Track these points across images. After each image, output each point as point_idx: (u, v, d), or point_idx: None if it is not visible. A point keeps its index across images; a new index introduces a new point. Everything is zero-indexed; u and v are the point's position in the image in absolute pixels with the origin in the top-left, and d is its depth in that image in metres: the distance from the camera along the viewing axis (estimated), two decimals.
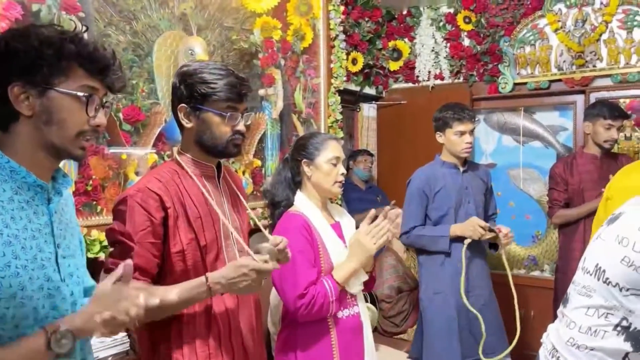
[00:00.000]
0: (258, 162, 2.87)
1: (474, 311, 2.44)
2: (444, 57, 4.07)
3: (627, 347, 1.30)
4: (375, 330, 3.15)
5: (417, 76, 4.17)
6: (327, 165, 1.85)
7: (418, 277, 2.75)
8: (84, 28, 1.11)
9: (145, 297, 1.02)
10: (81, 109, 1.05)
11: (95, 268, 1.55)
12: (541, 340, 1.58)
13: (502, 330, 2.60)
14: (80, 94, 1.04)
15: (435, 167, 2.67)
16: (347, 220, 1.98)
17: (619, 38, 3.47)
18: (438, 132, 2.64)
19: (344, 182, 1.90)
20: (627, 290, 1.29)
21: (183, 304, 1.35)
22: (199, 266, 1.39)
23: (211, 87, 1.40)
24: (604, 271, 1.33)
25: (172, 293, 1.30)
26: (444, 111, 2.62)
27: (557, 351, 1.42)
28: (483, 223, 2.47)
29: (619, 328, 1.30)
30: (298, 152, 1.91)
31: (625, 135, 3.44)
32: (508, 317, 2.55)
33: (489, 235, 2.44)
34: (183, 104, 1.43)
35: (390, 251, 3.31)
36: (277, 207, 1.91)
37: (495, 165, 4.16)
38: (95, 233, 1.99)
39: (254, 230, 1.78)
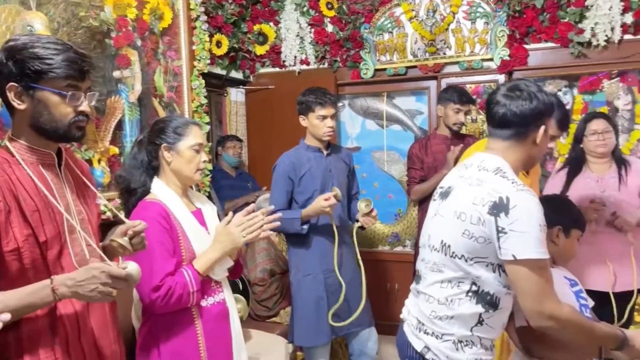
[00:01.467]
0: (115, 150, 2.68)
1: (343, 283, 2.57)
2: (309, 43, 4.12)
3: (480, 308, 1.44)
4: (247, 316, 3.14)
5: (284, 61, 4.18)
6: (189, 152, 1.79)
7: (288, 261, 2.79)
8: None
9: None
10: None
11: None
12: (402, 317, 1.66)
13: (368, 304, 2.71)
14: None
15: (300, 151, 2.69)
16: (209, 207, 1.93)
17: (465, 28, 3.77)
18: (302, 116, 2.67)
19: (206, 169, 1.84)
20: (471, 259, 1.41)
21: (24, 310, 1.21)
22: (39, 264, 1.25)
23: (47, 63, 1.25)
24: (449, 246, 1.45)
25: (10, 299, 1.17)
26: (307, 95, 2.65)
27: (423, 324, 1.52)
28: (326, 196, 2.49)
29: (470, 293, 1.44)
30: (157, 135, 1.81)
31: (471, 118, 3.77)
32: (375, 290, 2.68)
33: (333, 202, 2.47)
34: (13, 83, 1.27)
35: None
36: (133, 194, 1.79)
37: (360, 149, 4.33)
38: None
39: (110, 224, 1.66)
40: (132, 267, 1.23)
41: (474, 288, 1.43)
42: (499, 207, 1.35)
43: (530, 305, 1.38)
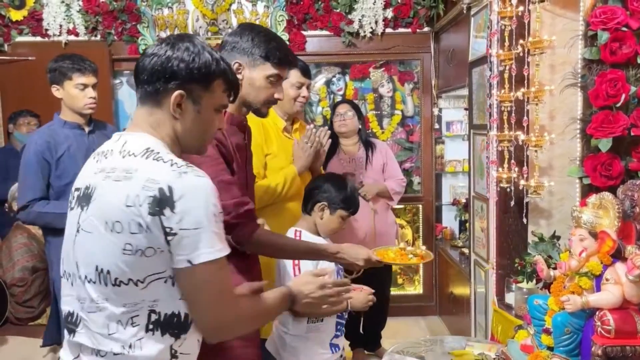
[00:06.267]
0: None
1: None
2: (77, 11, 3.70)
3: (168, 340, 1.10)
4: (6, 321, 2.75)
5: (47, 29, 3.69)
6: None
7: (47, 255, 2.49)
8: None
9: None
10: None
11: None
12: None
13: None
14: None
15: (56, 128, 2.38)
16: None
17: (246, 10, 3.78)
18: (55, 85, 2.35)
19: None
20: (143, 281, 1.06)
21: None
22: None
23: None
24: (108, 272, 1.06)
25: None
26: (60, 61, 2.36)
27: None
28: None
29: (150, 326, 1.08)
30: None
31: None
32: None
33: None
34: None
35: (20, 229, 2.89)
36: None
37: None
38: None
39: None
40: None
41: (154, 317, 1.07)
42: (162, 203, 1.02)
43: (208, 319, 1.10)
